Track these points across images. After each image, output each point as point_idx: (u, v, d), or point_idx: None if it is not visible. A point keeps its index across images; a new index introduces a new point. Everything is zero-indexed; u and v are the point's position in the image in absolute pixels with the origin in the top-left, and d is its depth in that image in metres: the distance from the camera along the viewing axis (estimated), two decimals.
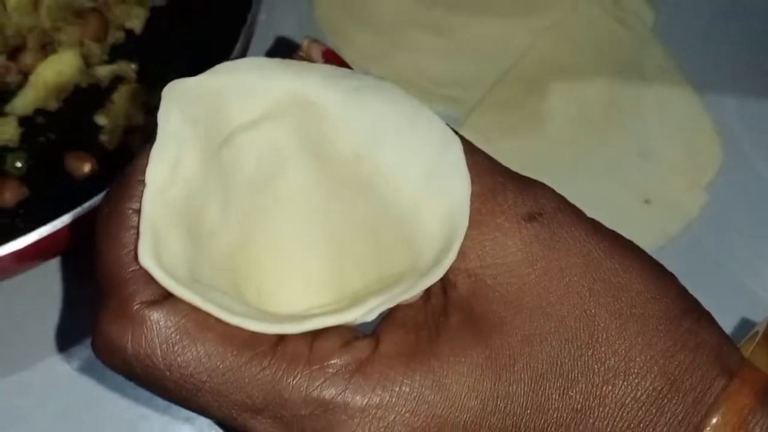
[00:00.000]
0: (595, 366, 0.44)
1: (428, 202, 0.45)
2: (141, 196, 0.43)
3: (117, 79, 0.88)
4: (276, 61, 0.46)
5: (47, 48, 0.87)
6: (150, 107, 0.84)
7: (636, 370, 0.44)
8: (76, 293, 0.79)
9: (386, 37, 0.94)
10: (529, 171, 0.64)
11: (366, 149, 0.46)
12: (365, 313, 0.43)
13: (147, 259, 0.42)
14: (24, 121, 0.85)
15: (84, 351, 0.77)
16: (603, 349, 0.44)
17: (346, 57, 0.89)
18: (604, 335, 0.44)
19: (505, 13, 0.96)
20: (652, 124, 0.91)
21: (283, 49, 0.87)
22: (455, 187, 0.45)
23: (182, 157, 0.44)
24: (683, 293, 0.47)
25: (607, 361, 0.44)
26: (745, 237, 0.86)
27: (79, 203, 0.68)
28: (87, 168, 0.81)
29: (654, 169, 0.88)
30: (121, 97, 0.85)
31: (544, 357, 0.44)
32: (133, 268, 0.43)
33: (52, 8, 0.87)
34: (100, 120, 0.85)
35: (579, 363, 0.44)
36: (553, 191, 0.47)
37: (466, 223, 0.44)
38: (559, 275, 0.45)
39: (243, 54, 0.78)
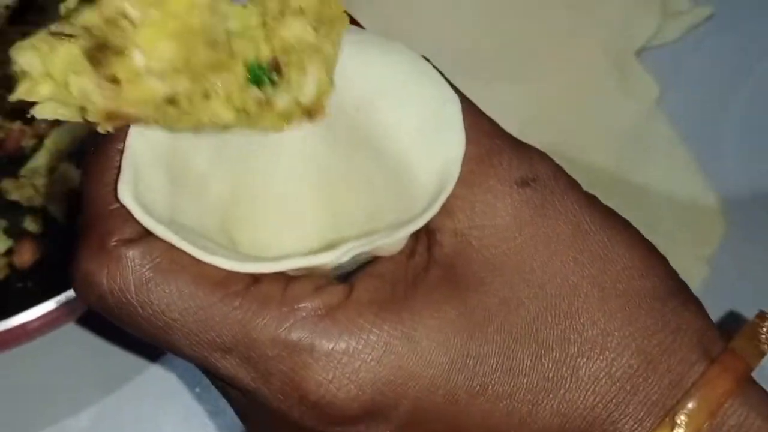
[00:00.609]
0: (572, 336, 0.44)
1: (422, 156, 0.45)
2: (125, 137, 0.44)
3: None
4: None
5: None
6: None
7: (613, 345, 0.44)
8: (101, 347, 0.80)
9: None
10: None
11: (365, 101, 0.46)
12: (340, 255, 0.43)
13: (125, 196, 0.42)
14: None
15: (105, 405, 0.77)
16: (582, 320, 0.44)
17: None
18: (585, 306, 0.44)
19: (511, 80, 0.96)
20: (656, 197, 0.91)
21: None
22: (449, 141, 0.45)
23: None
24: (672, 274, 0.47)
25: (585, 333, 0.44)
26: (746, 310, 0.85)
27: None
28: None
29: (656, 241, 0.87)
30: None
31: (519, 322, 0.44)
32: (114, 206, 0.43)
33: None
34: None
35: (555, 331, 0.44)
36: (549, 159, 0.47)
37: (455, 177, 0.44)
38: (545, 242, 0.45)
39: None
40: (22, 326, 0.67)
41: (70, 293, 0.68)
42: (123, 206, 0.43)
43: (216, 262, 0.43)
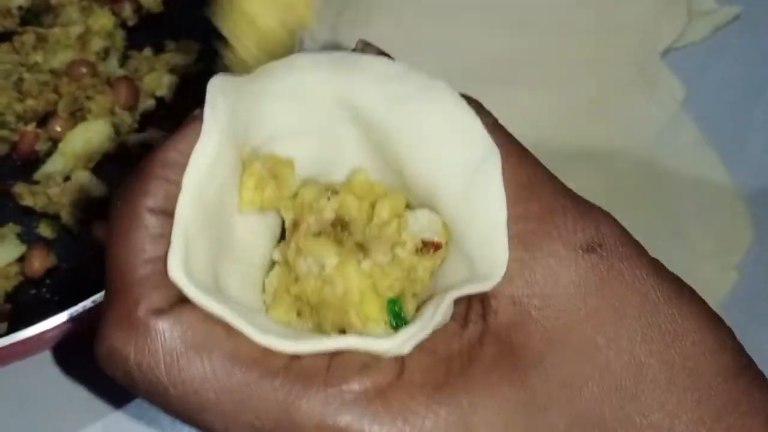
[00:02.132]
0: (637, 419, 0.41)
1: (466, 220, 0.43)
2: (155, 193, 0.41)
3: (146, 147, 0.86)
4: (325, 59, 0.45)
5: (77, 115, 0.87)
6: None
7: (681, 429, 0.42)
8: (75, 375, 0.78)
9: None
10: None
11: (407, 158, 0.44)
12: (401, 343, 0.41)
13: (175, 271, 0.41)
14: None
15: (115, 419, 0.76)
16: (648, 401, 0.42)
17: None
18: (652, 387, 0.42)
19: (534, 86, 0.94)
20: (683, 202, 0.89)
21: None
22: (489, 207, 0.43)
23: (223, 154, 0.43)
24: (740, 350, 0.44)
25: (651, 416, 0.41)
26: None
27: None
28: None
29: (684, 247, 0.87)
30: None
31: (583, 404, 0.41)
32: (142, 272, 0.41)
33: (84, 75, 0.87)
34: None
35: (620, 414, 0.41)
36: (615, 221, 0.44)
37: (503, 240, 0.42)
38: (612, 315, 0.42)
39: None
40: (36, 337, 0.66)
41: (84, 304, 0.66)
42: (152, 272, 0.41)
43: (272, 344, 0.41)
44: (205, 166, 0.42)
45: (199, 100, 0.42)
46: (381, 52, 0.46)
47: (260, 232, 0.46)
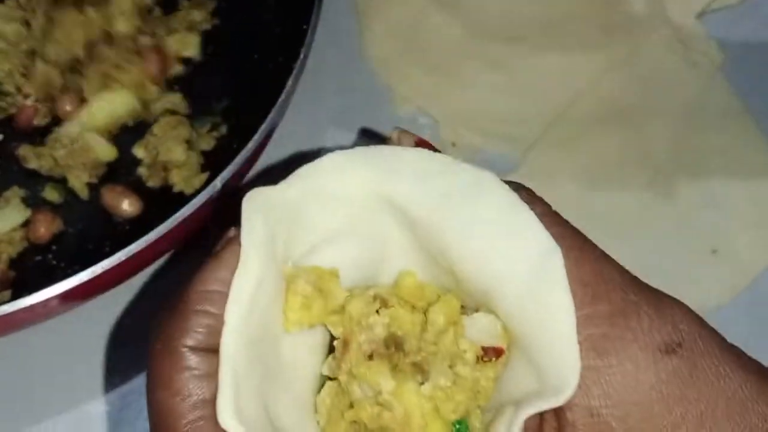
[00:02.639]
0: None
1: (530, 324, 0.41)
2: (197, 330, 0.40)
3: (169, 113, 0.83)
4: (362, 158, 0.43)
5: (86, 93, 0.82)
6: (191, 143, 0.80)
7: None
8: (117, 332, 0.75)
9: (442, 73, 0.90)
10: (589, 215, 0.58)
11: (459, 258, 0.42)
12: None
13: (228, 418, 0.39)
14: None
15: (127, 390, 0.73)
16: None
17: (401, 94, 0.86)
18: None
19: (566, 49, 0.92)
20: (719, 171, 0.87)
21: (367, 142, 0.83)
22: (556, 310, 0.40)
23: (265, 278, 0.41)
24: None
25: None
26: None
27: (119, 244, 0.64)
28: (125, 204, 0.76)
29: (721, 218, 0.84)
30: (161, 129, 0.80)
31: None
32: (188, 419, 0.39)
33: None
34: (139, 153, 0.80)
35: None
36: (692, 312, 0.42)
37: (574, 346, 0.40)
38: (699, 420, 0.40)
39: (292, 91, 0.74)
40: (40, 305, 0.63)
41: (93, 269, 0.63)
42: (200, 417, 0.39)
43: None
44: (248, 295, 0.41)
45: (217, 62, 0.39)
46: (420, 142, 0.45)
47: (308, 348, 0.45)
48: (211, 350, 0.40)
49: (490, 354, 0.42)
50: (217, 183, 0.67)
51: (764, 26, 0.94)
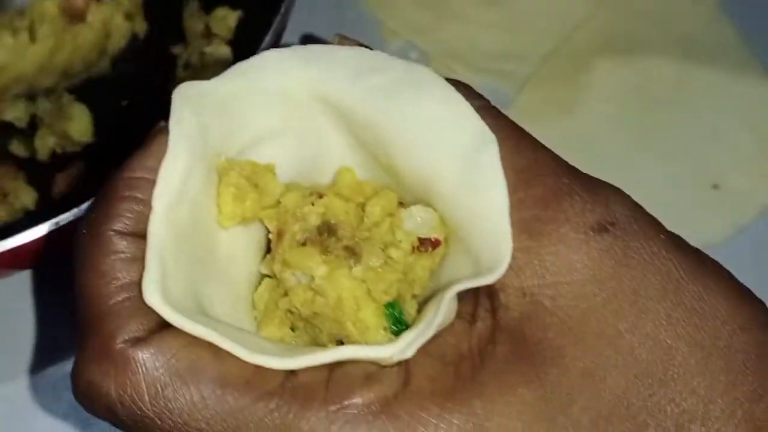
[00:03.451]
0: (668, 407, 0.39)
1: (466, 212, 0.41)
2: (124, 215, 0.39)
3: None
4: (297, 56, 0.43)
5: None
6: None
7: (717, 414, 0.39)
8: (48, 309, 0.75)
9: (432, 7, 0.90)
10: (587, 151, 0.56)
11: (396, 152, 0.42)
12: (404, 347, 0.39)
13: (153, 296, 0.38)
14: None
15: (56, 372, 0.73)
16: (679, 387, 0.39)
17: (391, 28, 0.86)
18: (681, 371, 0.39)
19: None
20: (719, 105, 0.86)
21: None
22: (490, 195, 0.40)
23: (194, 168, 0.41)
24: None
25: (683, 403, 0.39)
26: None
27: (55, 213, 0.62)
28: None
29: (723, 153, 0.84)
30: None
31: (607, 395, 0.39)
32: (115, 300, 0.39)
33: None
34: None
35: (649, 403, 0.39)
36: (627, 196, 0.41)
37: (507, 228, 0.40)
38: (632, 298, 0.39)
39: (282, 28, 0.73)
40: (9, 252, 0.61)
41: (64, 216, 0.62)
42: (127, 299, 0.39)
43: (265, 363, 0.38)
44: (176, 183, 0.40)
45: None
46: (359, 44, 0.44)
47: (245, 246, 0.44)
48: (139, 235, 0.39)
49: (427, 245, 0.42)
50: None
51: None
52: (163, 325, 0.39)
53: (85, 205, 0.61)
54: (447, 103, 0.42)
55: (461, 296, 0.41)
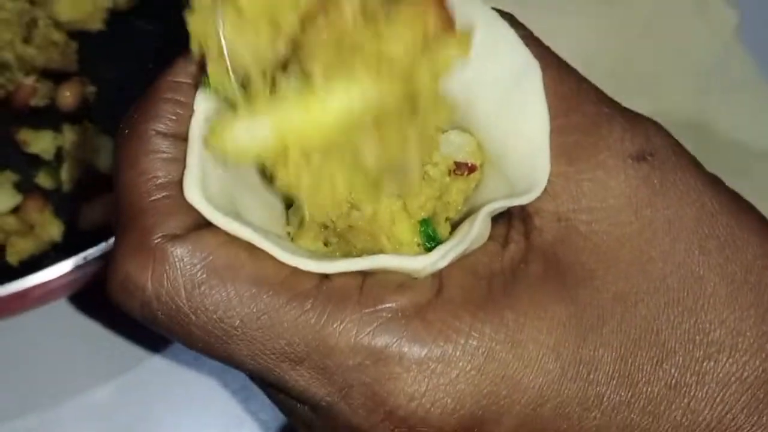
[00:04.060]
0: (697, 337, 0.39)
1: (508, 129, 0.41)
2: (166, 116, 0.39)
3: None
4: None
5: None
6: None
7: (745, 347, 0.39)
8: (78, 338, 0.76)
9: None
10: None
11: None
12: (437, 259, 0.38)
13: (193, 193, 0.38)
14: None
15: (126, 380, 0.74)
16: (709, 317, 0.39)
17: None
18: (711, 302, 0.39)
19: (583, 7, 0.91)
20: (738, 136, 0.86)
21: None
22: (530, 118, 0.40)
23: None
24: None
25: (712, 333, 0.39)
26: None
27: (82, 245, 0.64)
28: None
29: (742, 186, 0.81)
30: None
31: (638, 321, 0.39)
32: (155, 197, 0.38)
33: None
34: None
35: (678, 331, 0.39)
36: (666, 131, 0.41)
37: (546, 152, 0.39)
38: (666, 227, 0.39)
39: None
40: (39, 287, 0.63)
41: (91, 252, 0.63)
42: (166, 197, 0.38)
43: (301, 265, 0.38)
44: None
45: None
46: None
47: None
48: (180, 137, 0.40)
49: (463, 169, 0.42)
50: None
51: None
52: (201, 225, 0.39)
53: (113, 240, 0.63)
54: (491, 26, 0.41)
55: (494, 220, 0.41)
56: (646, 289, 0.39)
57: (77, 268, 0.63)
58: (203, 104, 0.39)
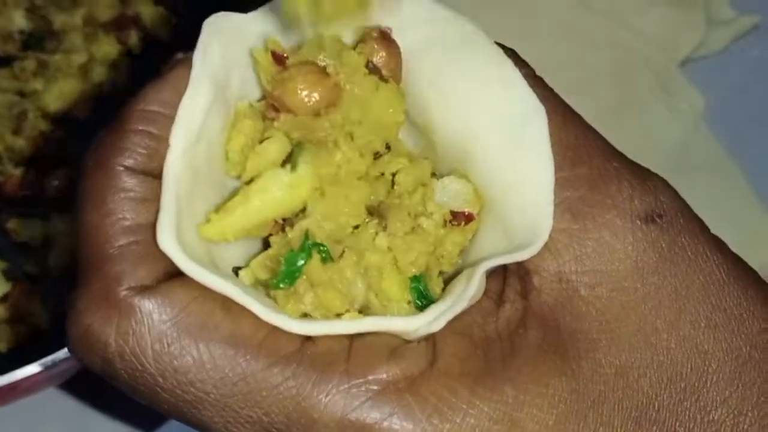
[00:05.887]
0: (698, 416, 0.37)
1: (505, 182, 0.39)
2: (135, 150, 0.36)
3: None
4: None
5: None
6: None
7: (746, 427, 0.37)
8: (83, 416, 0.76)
9: None
10: None
11: (436, 113, 0.40)
12: (431, 320, 0.36)
13: (167, 240, 0.35)
14: None
15: None
16: (711, 395, 0.37)
17: None
18: (715, 379, 0.37)
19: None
20: (704, 216, 0.85)
21: None
22: (534, 168, 0.38)
23: (213, 108, 0.37)
24: None
25: (713, 412, 0.37)
26: None
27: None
28: None
29: None
30: None
31: (640, 397, 0.37)
32: (122, 242, 0.35)
33: None
34: None
35: (679, 409, 0.37)
36: (673, 189, 0.39)
37: (549, 205, 0.37)
38: (673, 296, 0.37)
39: None
40: (22, 381, 0.64)
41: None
42: (134, 242, 0.35)
43: (283, 325, 0.35)
44: (197, 120, 0.37)
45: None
46: None
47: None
48: (151, 174, 0.36)
49: (460, 219, 0.39)
50: None
51: (744, 73, 0.94)
52: (172, 275, 0.36)
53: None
54: (497, 66, 0.39)
55: (488, 275, 0.38)
56: (650, 362, 0.37)
57: (67, 359, 0.63)
58: (180, 138, 0.36)
